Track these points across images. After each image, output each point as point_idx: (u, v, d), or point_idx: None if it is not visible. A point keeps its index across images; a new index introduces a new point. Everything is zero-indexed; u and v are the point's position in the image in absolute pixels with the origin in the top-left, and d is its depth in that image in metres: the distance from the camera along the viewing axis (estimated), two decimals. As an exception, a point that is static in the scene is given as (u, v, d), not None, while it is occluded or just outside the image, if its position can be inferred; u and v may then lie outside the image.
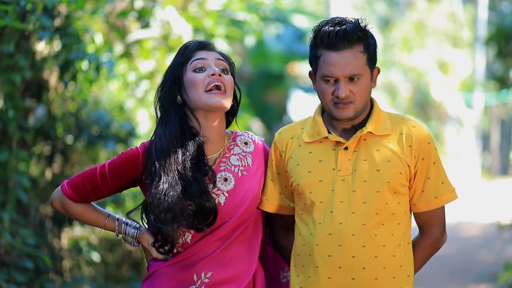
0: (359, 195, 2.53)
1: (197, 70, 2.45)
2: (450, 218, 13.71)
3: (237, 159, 2.54)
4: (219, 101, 2.44)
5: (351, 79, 2.49)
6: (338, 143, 2.56)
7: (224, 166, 2.51)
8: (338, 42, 2.48)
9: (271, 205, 2.70)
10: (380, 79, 20.23)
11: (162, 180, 2.39)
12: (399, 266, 2.56)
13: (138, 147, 2.50)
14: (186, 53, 2.48)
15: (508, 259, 6.85)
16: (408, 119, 2.62)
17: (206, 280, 2.47)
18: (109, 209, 5.04)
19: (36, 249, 4.09)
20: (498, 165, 28.24)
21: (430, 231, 2.63)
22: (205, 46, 2.51)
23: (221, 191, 2.47)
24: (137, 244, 2.54)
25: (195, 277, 2.46)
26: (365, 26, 2.53)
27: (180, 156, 2.42)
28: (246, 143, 2.59)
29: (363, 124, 2.58)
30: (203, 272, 2.46)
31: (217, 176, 2.49)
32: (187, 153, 2.43)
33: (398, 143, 2.55)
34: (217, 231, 2.47)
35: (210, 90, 2.44)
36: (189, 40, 2.57)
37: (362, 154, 2.55)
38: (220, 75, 2.44)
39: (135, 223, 2.54)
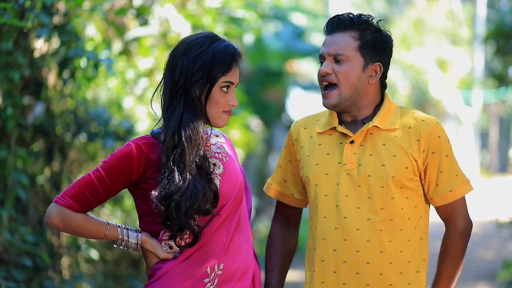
0: (364, 190, 2.53)
1: (224, 89, 2.47)
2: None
3: (217, 147, 2.56)
4: (225, 124, 2.52)
5: (336, 60, 2.54)
6: (345, 136, 2.58)
7: (209, 154, 2.51)
8: (332, 27, 2.58)
9: (273, 190, 2.74)
10: (378, 76, 20.19)
11: (186, 170, 2.39)
12: (407, 261, 2.55)
13: (129, 145, 2.45)
14: (228, 62, 2.46)
15: (506, 257, 6.86)
16: (419, 113, 2.62)
17: (220, 272, 2.46)
18: (108, 207, 5.05)
19: (35, 246, 4.09)
20: (496, 163, 28.27)
21: (454, 224, 2.64)
22: (239, 61, 2.52)
23: (215, 174, 2.48)
24: (139, 249, 2.50)
25: (208, 270, 2.45)
26: (371, 21, 2.59)
27: (199, 145, 2.44)
28: (217, 136, 2.61)
29: (371, 118, 2.59)
30: (216, 264, 2.45)
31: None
32: (203, 142, 2.46)
33: (405, 137, 2.55)
34: (218, 216, 2.47)
35: (224, 114, 2.49)
36: (230, 43, 2.50)
37: (368, 148, 2.56)
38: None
39: (134, 228, 2.51)
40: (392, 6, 25.01)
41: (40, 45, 4.32)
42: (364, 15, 2.60)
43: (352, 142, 2.56)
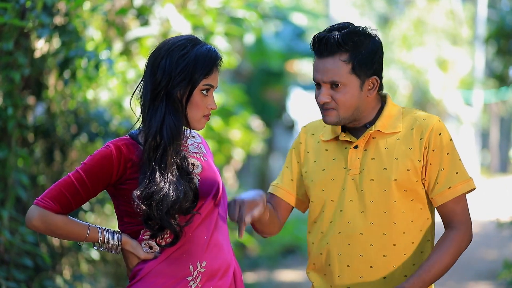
0: (367, 194, 2.54)
1: (204, 92, 2.48)
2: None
3: (194, 147, 2.58)
4: (203, 127, 2.54)
5: (333, 86, 2.52)
6: (350, 142, 2.59)
7: (187, 154, 2.54)
8: (321, 49, 2.52)
9: (280, 189, 2.73)
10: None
11: (168, 170, 2.41)
12: (412, 264, 2.54)
13: (108, 146, 2.46)
14: (210, 66, 2.48)
15: (507, 256, 6.85)
16: (421, 113, 2.60)
17: (202, 270, 2.47)
18: (108, 208, 5.05)
19: (36, 247, 4.09)
20: (497, 163, 28.28)
21: (454, 225, 2.55)
22: (219, 65, 2.53)
23: (194, 174, 2.50)
24: (120, 250, 2.51)
25: (191, 268, 2.46)
26: (359, 34, 2.52)
27: (180, 146, 2.47)
28: (193, 136, 2.63)
29: (373, 122, 2.58)
30: (198, 262, 2.46)
31: None
32: (182, 142, 2.48)
33: (408, 138, 2.54)
34: (199, 215, 2.50)
35: (204, 118, 2.52)
36: (212, 46, 2.51)
37: (370, 152, 2.56)
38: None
39: (114, 229, 2.52)
40: (393, 6, 25.02)
41: (40, 45, 4.32)
42: (354, 29, 2.52)
43: (356, 147, 2.57)
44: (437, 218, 2.64)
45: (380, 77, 2.58)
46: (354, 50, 2.50)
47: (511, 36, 8.44)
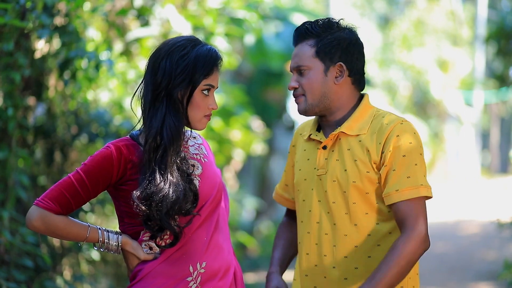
0: (330, 195, 2.55)
1: (205, 92, 2.49)
2: (450, 217, 13.75)
3: (195, 148, 2.59)
4: (204, 127, 2.55)
5: (299, 72, 2.57)
6: (320, 142, 2.61)
7: (187, 155, 2.55)
8: (293, 40, 2.62)
9: (276, 195, 2.81)
10: (379, 77, 20.22)
11: (168, 171, 2.42)
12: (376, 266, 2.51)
13: (108, 147, 2.47)
14: (210, 66, 2.48)
15: (508, 257, 6.85)
16: (390, 116, 2.56)
17: (202, 271, 2.48)
18: (108, 208, 5.05)
19: (36, 247, 4.09)
20: (497, 163, 28.24)
21: (403, 233, 2.43)
22: (220, 65, 2.53)
23: (194, 175, 2.51)
24: (120, 251, 2.52)
25: (191, 269, 2.47)
26: (330, 23, 2.57)
27: (180, 147, 2.47)
28: (194, 137, 2.64)
29: (343, 122, 2.60)
30: (198, 263, 2.48)
31: None
32: (182, 143, 2.48)
33: (370, 142, 2.52)
34: (199, 216, 2.51)
35: (205, 118, 2.52)
36: (212, 47, 2.52)
37: (336, 153, 2.57)
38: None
39: (115, 230, 2.53)
40: (393, 7, 25.00)
41: (41, 46, 4.32)
42: (326, 19, 2.60)
43: (324, 147, 2.59)
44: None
45: (351, 66, 2.57)
46: (319, 35, 2.56)
47: (511, 37, 8.45)
